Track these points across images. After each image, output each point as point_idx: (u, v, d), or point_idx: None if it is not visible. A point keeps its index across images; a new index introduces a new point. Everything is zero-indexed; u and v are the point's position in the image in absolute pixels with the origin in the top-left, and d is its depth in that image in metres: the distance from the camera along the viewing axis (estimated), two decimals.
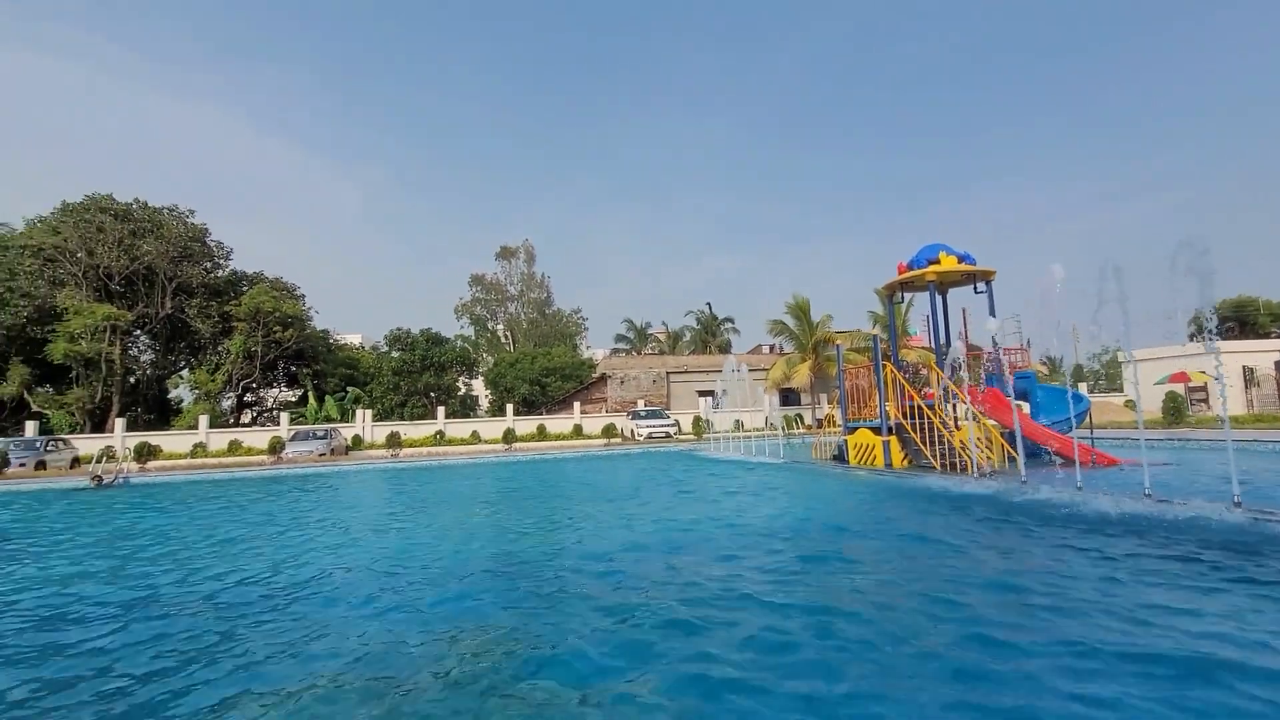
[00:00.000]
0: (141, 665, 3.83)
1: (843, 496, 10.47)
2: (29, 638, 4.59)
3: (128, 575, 6.58)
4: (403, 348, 39.02)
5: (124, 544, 8.66)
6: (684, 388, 40.48)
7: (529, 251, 54.52)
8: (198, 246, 36.48)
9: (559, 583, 5.34)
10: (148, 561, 7.31)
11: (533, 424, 33.81)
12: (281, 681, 3.46)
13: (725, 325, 57.80)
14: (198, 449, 29.47)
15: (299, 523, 10.14)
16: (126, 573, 6.72)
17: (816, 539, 6.92)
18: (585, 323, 55.50)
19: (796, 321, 35.63)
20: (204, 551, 7.79)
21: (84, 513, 12.95)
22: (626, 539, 7.24)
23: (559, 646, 3.74)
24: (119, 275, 33.62)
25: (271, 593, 5.51)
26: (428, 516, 10.34)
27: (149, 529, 10.08)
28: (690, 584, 5.04)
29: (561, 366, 41.95)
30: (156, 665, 3.83)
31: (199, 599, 5.41)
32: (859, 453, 13.60)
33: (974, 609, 4.07)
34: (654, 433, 31.00)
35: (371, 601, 5.06)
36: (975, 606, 4.12)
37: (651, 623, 4.04)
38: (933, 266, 13.36)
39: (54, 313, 31.97)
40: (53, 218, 33.79)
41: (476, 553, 6.89)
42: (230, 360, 34.79)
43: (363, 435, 31.59)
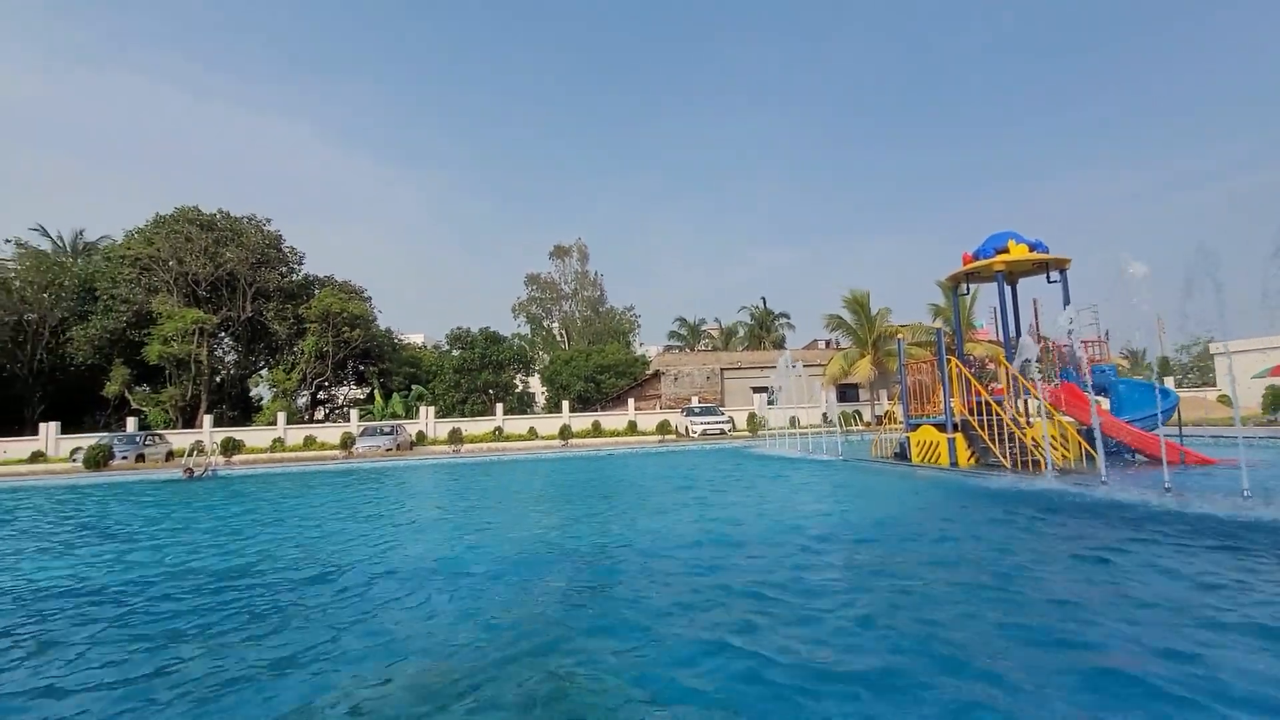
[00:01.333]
0: (233, 636, 4.17)
1: (906, 495, 10.19)
2: (141, 609, 5.05)
3: (220, 558, 7.11)
4: (463, 346, 40.27)
5: (214, 530, 9.35)
6: (738, 384, 40.13)
7: (582, 250, 55.19)
8: (274, 253, 38.71)
9: (618, 577, 5.43)
10: (235, 547, 7.86)
11: (588, 420, 34.27)
12: (356, 658, 3.69)
13: (780, 320, 56.87)
14: (276, 444, 31.30)
15: (373, 513, 10.67)
16: (218, 555, 7.26)
17: (878, 537, 6.78)
18: (638, 320, 55.75)
19: (855, 316, 34.73)
20: (287, 537, 8.32)
21: (177, 502, 14.01)
22: (682, 535, 7.29)
23: (616, 641, 3.79)
24: (205, 281, 36.06)
25: (344, 577, 5.85)
26: (492, 509, 10.69)
27: (236, 517, 10.84)
28: (748, 583, 5.03)
29: (615, 364, 42.30)
30: (247, 633, 4.15)
31: (280, 580, 5.81)
32: (922, 450, 13.18)
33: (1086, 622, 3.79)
34: (708, 429, 30.89)
35: (438, 589, 5.30)
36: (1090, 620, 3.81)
37: (706, 620, 4.03)
38: (1001, 256, 12.78)
39: (149, 317, 34.61)
40: (147, 229, 36.55)
41: (537, 545, 7.09)
42: (304, 360, 36.77)
43: (426, 431, 32.80)
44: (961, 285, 15.25)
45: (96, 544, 8.65)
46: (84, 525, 10.77)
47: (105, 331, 34.89)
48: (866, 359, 33.48)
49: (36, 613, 5.21)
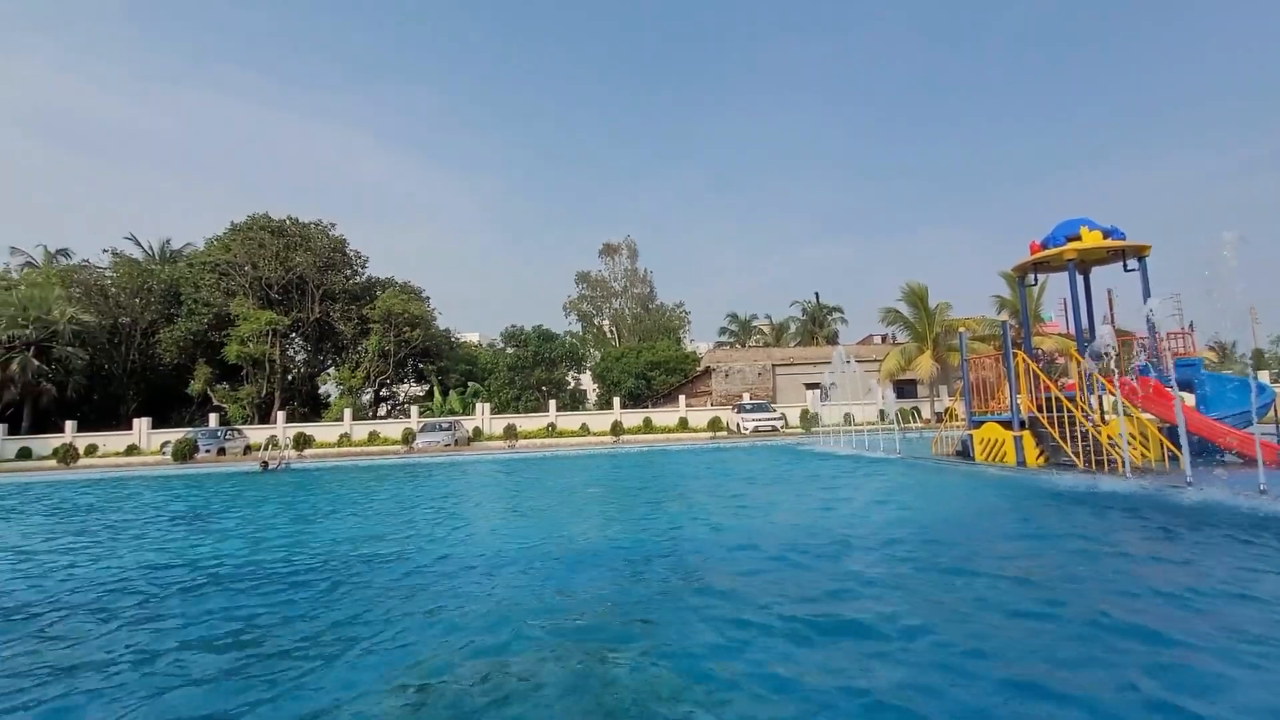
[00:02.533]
0: (308, 617, 4.44)
1: (969, 494, 9.84)
2: (231, 589, 5.44)
3: (297, 544, 7.56)
4: (516, 344, 41.16)
5: (290, 519, 9.92)
6: (790, 380, 39.50)
7: (631, 248, 55.41)
8: (339, 256, 40.54)
9: (675, 574, 5.47)
10: (308, 536, 8.33)
11: (639, 417, 34.46)
12: (417, 644, 3.88)
13: (833, 315, 55.63)
14: (343, 438, 32.83)
15: (437, 506, 11.09)
16: (296, 542, 7.71)
17: (943, 537, 6.59)
18: (688, 316, 55.55)
19: (912, 309, 33.61)
20: (356, 527, 8.75)
21: (254, 493, 14.91)
22: (737, 531, 7.28)
23: (672, 639, 3.79)
24: (277, 285, 38.13)
25: (409, 566, 6.12)
26: (551, 504, 10.92)
27: (309, 508, 11.46)
28: (802, 585, 4.98)
29: (665, 360, 42.35)
30: (316, 616, 4.42)
31: (350, 568, 6.13)
32: (986, 448, 12.68)
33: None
34: (760, 426, 30.57)
35: (497, 579, 5.48)
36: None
37: (758, 623, 3.98)
38: (1072, 244, 12.12)
39: (228, 319, 36.87)
40: (225, 236, 38.91)
41: (596, 540, 7.22)
42: (368, 359, 38.39)
43: (482, 427, 33.72)
44: (1028, 276, 14.54)
45: (192, 530, 9.33)
46: (177, 513, 11.62)
47: (189, 333, 37.39)
48: (926, 354, 32.37)
49: (145, 590, 5.68)
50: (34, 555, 7.83)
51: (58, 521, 11.18)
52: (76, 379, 35.70)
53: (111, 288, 39.37)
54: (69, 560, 7.35)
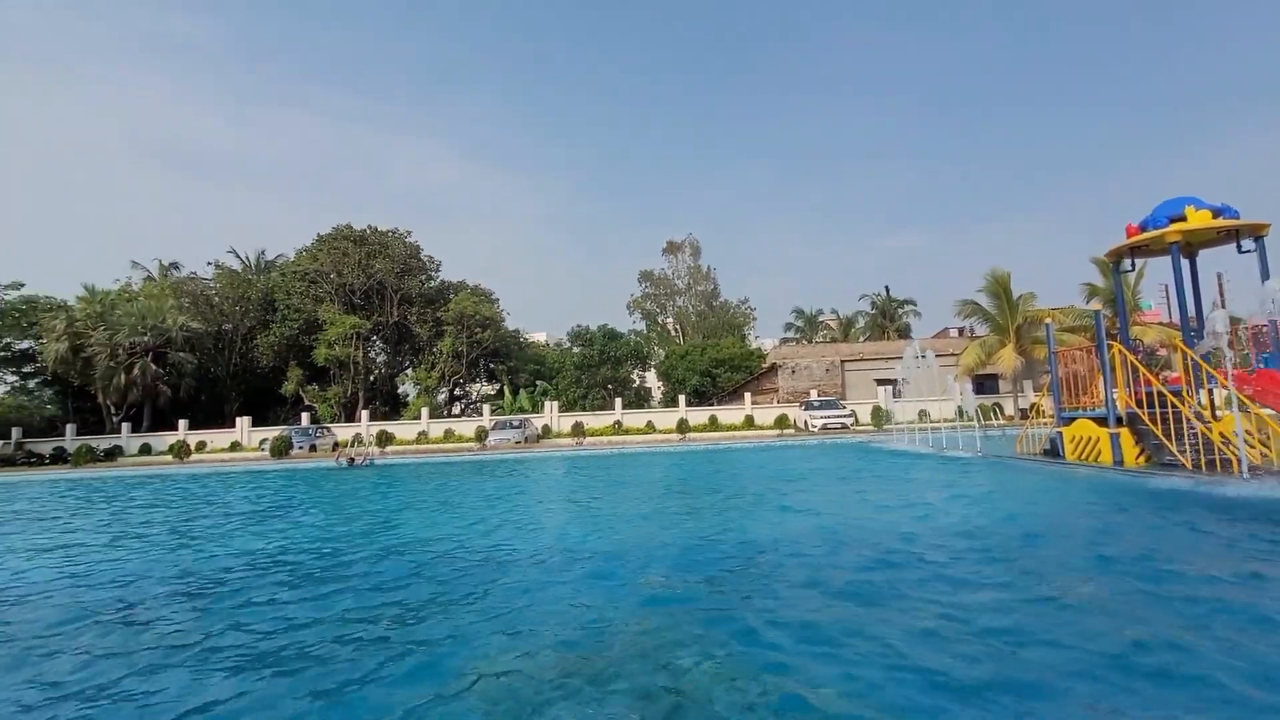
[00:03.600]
0: (391, 599, 4.74)
1: (1060, 496, 9.30)
2: (325, 576, 5.87)
3: (380, 533, 8.04)
4: (583, 344, 41.90)
5: (376, 511, 10.54)
6: (860, 376, 38.31)
7: (694, 245, 55.19)
8: (415, 262, 42.52)
9: (746, 573, 5.47)
10: (392, 526, 8.84)
11: (704, 414, 34.34)
12: (494, 637, 4.07)
13: (904, 309, 53.53)
14: (421, 436, 34.43)
15: (511, 500, 11.50)
16: (379, 531, 8.21)
17: (1034, 542, 6.28)
18: (753, 313, 54.84)
19: (993, 300, 31.87)
20: (437, 520, 9.22)
21: (342, 487, 15.90)
22: (809, 531, 7.19)
23: (742, 641, 3.76)
24: (359, 290, 40.41)
25: (486, 559, 6.40)
26: (621, 500, 11.12)
27: (392, 500, 12.14)
28: (880, 589, 4.88)
29: (730, 357, 42.02)
30: (397, 602, 4.71)
31: (432, 558, 6.47)
32: (1078, 447, 11.91)
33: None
34: (829, 423, 29.83)
35: (569, 573, 5.65)
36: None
37: (836, 629, 3.89)
38: (1176, 225, 11.19)
39: (316, 324, 39.39)
40: (313, 247, 41.59)
41: (669, 536, 7.31)
42: (442, 359, 40.09)
43: (551, 425, 34.54)
44: (1124, 261, 13.51)
45: (290, 519, 10.09)
46: (277, 504, 12.59)
47: (283, 338, 40.23)
48: (1009, 347, 30.65)
49: (251, 575, 6.23)
50: (160, 541, 8.70)
51: (191, 507, 12.35)
52: (187, 381, 39.08)
53: (215, 297, 42.86)
54: (201, 545, 8.13)
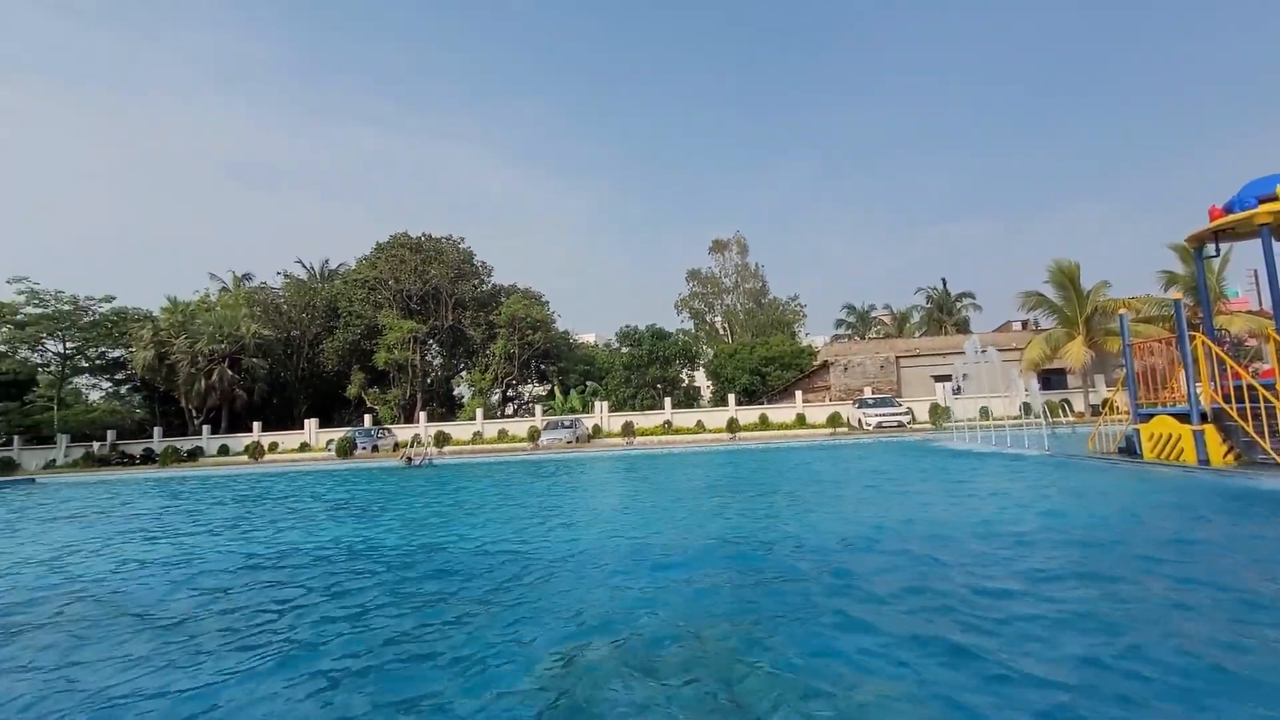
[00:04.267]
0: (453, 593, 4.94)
1: (1141, 498, 8.83)
2: (390, 568, 6.16)
3: (437, 533, 8.35)
4: (631, 344, 42.16)
5: (437, 509, 10.94)
6: (916, 373, 37.16)
7: (741, 243, 54.71)
8: (468, 267, 43.73)
9: (806, 576, 5.43)
10: (452, 524, 9.15)
11: (755, 413, 34.02)
12: (550, 631, 4.19)
13: (963, 302, 51.59)
14: (476, 436, 35.39)
15: (568, 498, 11.73)
16: (442, 527, 8.52)
17: (1117, 550, 6.01)
18: (803, 310, 53.94)
19: (1060, 291, 30.39)
20: (497, 516, 9.50)
21: (403, 485, 16.52)
22: (864, 533, 7.08)
23: (802, 644, 3.72)
24: (416, 296, 41.85)
25: (542, 555, 6.57)
26: (674, 499, 11.18)
27: (453, 499, 12.55)
28: (949, 600, 4.77)
29: (780, 355, 41.47)
30: (460, 595, 4.90)
31: (491, 555, 6.69)
32: (1157, 444, 11.25)
33: None
34: (884, 421, 29.06)
35: (627, 572, 5.75)
36: None
37: (888, 637, 3.78)
38: (1268, 205, 10.42)
39: (376, 329, 41.02)
40: (372, 255, 43.32)
41: (723, 536, 7.33)
42: (495, 361, 41.09)
43: (601, 425, 34.91)
44: (1207, 246, 12.66)
45: (358, 516, 10.60)
46: (343, 501, 13.22)
47: (346, 343, 42.07)
48: (1078, 340, 29.16)
49: (328, 570, 6.59)
50: (240, 533, 9.29)
51: (275, 504, 13.13)
52: (260, 385, 41.35)
53: (284, 305, 45.19)
54: (287, 536, 8.66)
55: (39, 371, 40.97)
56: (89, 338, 40.72)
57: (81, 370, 43.37)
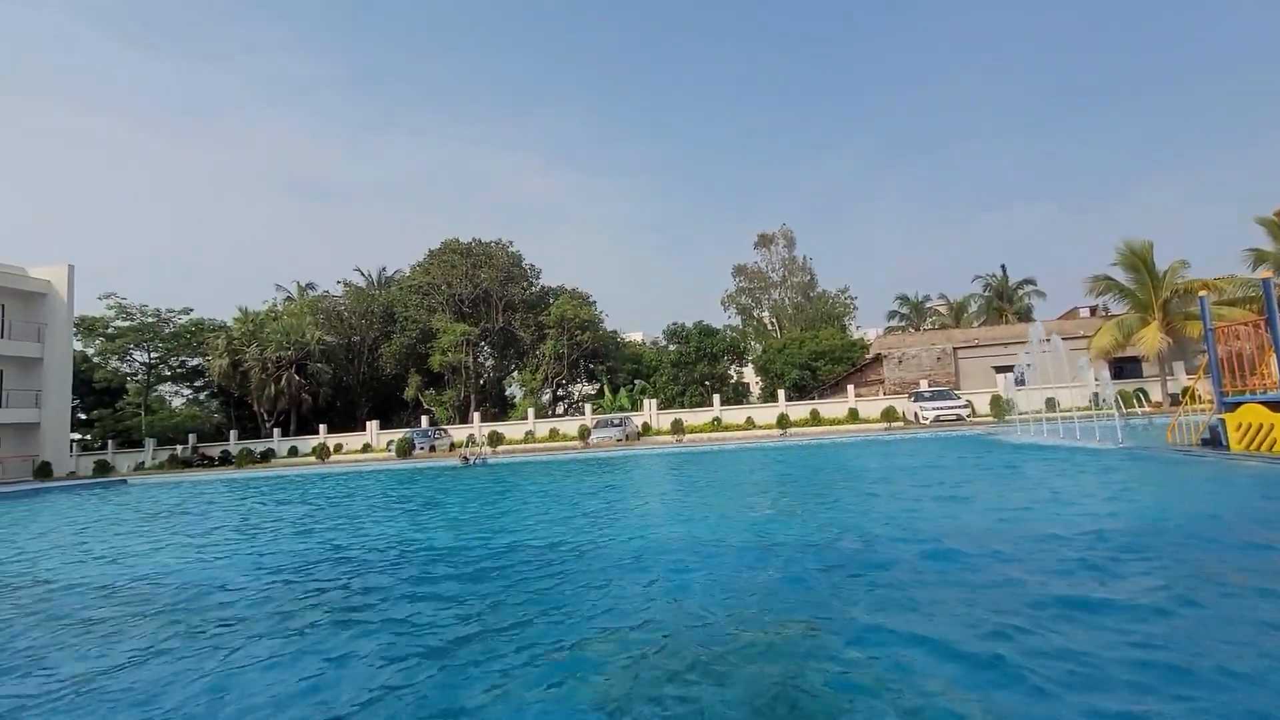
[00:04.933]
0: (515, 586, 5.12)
1: (1233, 493, 8.33)
2: (454, 563, 6.43)
3: (498, 531, 8.62)
4: (678, 341, 42.18)
5: (495, 505, 11.28)
6: (975, 364, 35.83)
7: (787, 236, 53.88)
8: (517, 270, 44.66)
9: (860, 575, 5.35)
10: (512, 521, 9.44)
11: (805, 409, 33.52)
12: (611, 625, 4.30)
13: (1024, 289, 49.38)
14: (528, 435, 36.11)
15: (622, 495, 11.91)
16: (499, 523, 8.80)
17: (1215, 550, 5.72)
18: (854, 302, 52.74)
19: (1132, 274, 28.72)
20: (549, 513, 9.74)
21: (466, 484, 17.06)
22: (925, 530, 6.95)
23: (857, 646, 3.68)
24: (467, 300, 43.02)
25: (598, 551, 6.72)
26: (726, 496, 11.21)
27: (510, 497, 12.91)
28: (1018, 605, 4.63)
29: (831, 349, 40.68)
30: (522, 590, 5.07)
31: (549, 551, 6.88)
32: (1247, 435, 10.57)
33: None
34: (942, 415, 28.15)
35: (681, 570, 5.83)
36: None
37: (947, 634, 3.76)
38: None
39: (431, 333, 42.37)
40: (425, 261, 44.75)
41: (777, 533, 7.34)
42: (545, 362, 41.83)
43: (650, 422, 35.07)
44: None
45: (424, 513, 11.05)
46: (406, 497, 13.77)
47: (403, 347, 43.64)
48: (1152, 325, 27.51)
49: (393, 562, 6.93)
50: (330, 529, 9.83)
51: (347, 500, 13.84)
52: (325, 390, 43.34)
53: (345, 312, 47.19)
54: (367, 530, 9.13)
55: (128, 380, 44.08)
56: (170, 348, 43.61)
57: (165, 378, 46.46)
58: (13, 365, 32.89)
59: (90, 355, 42.19)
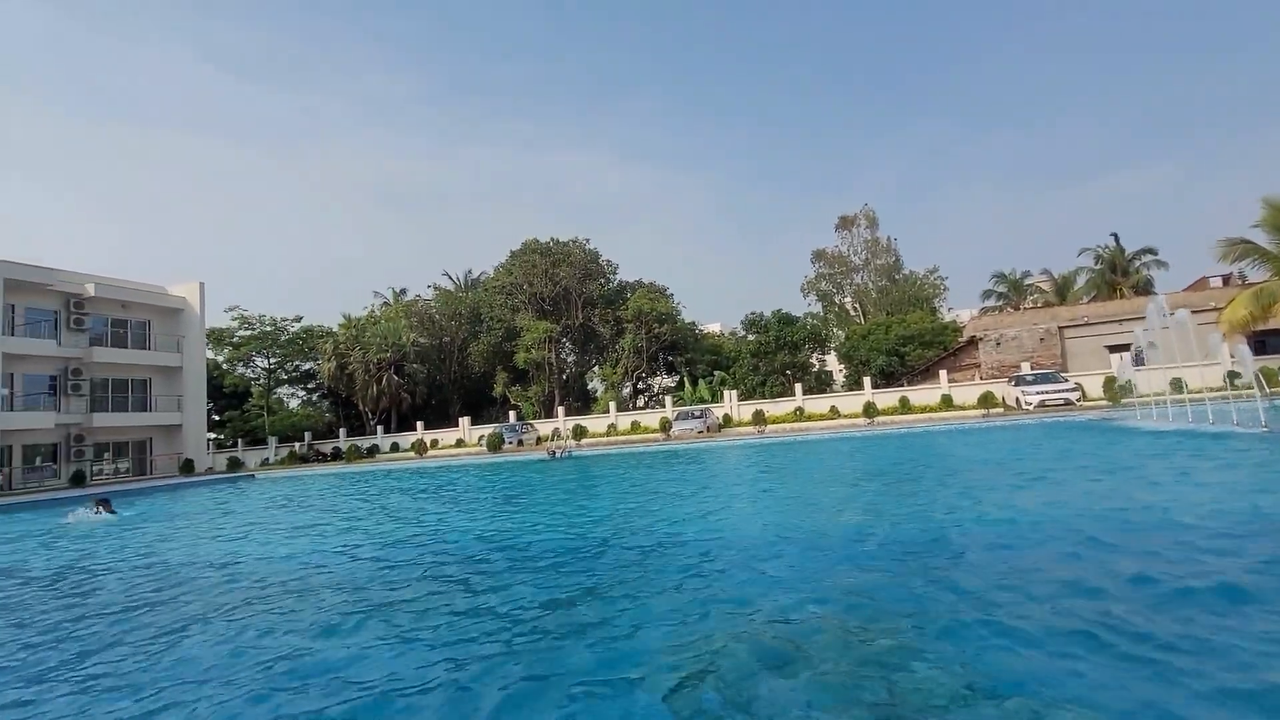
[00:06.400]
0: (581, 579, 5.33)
1: None
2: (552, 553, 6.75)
3: (592, 521, 8.93)
4: (757, 331, 41.60)
5: (589, 498, 11.66)
6: (1084, 343, 33.09)
7: (869, 217, 51.67)
8: (594, 266, 45.53)
9: (958, 570, 5.17)
10: (606, 512, 9.74)
11: (893, 396, 32.23)
12: (701, 612, 4.41)
13: (1142, 259, 44.88)
14: (610, 429, 36.84)
15: (708, 487, 12.02)
16: (593, 519, 9.12)
17: None
18: (944, 283, 49.97)
19: (1275, 236, 25.54)
20: (642, 505, 9.98)
21: (557, 477, 17.70)
22: (1032, 525, 6.61)
23: (954, 641, 3.59)
24: (548, 298, 44.33)
25: (689, 542, 6.85)
26: (814, 488, 11.08)
27: (600, 489, 13.31)
28: (1129, 599, 4.34)
29: (920, 333, 38.81)
30: (618, 579, 5.27)
31: (640, 542, 7.08)
32: None
33: None
34: (1048, 399, 26.25)
35: (771, 560, 5.86)
36: None
37: (1055, 634, 3.55)
38: None
39: (515, 331, 44.02)
40: (507, 262, 46.48)
41: (870, 526, 7.21)
42: (625, 356, 42.47)
43: (731, 414, 34.87)
44: None
45: (533, 503, 11.63)
46: (504, 488, 14.50)
47: (489, 346, 45.63)
48: None
49: (487, 555, 7.38)
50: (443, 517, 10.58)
51: (460, 492, 14.81)
52: (420, 389, 46.06)
53: (435, 314, 49.87)
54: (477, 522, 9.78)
55: (252, 384, 48.71)
56: (286, 353, 47.80)
57: (282, 381, 50.98)
58: (159, 374, 37.17)
59: (220, 362, 46.97)
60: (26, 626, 5.59)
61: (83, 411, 32.87)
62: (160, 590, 6.73)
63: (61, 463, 32.16)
